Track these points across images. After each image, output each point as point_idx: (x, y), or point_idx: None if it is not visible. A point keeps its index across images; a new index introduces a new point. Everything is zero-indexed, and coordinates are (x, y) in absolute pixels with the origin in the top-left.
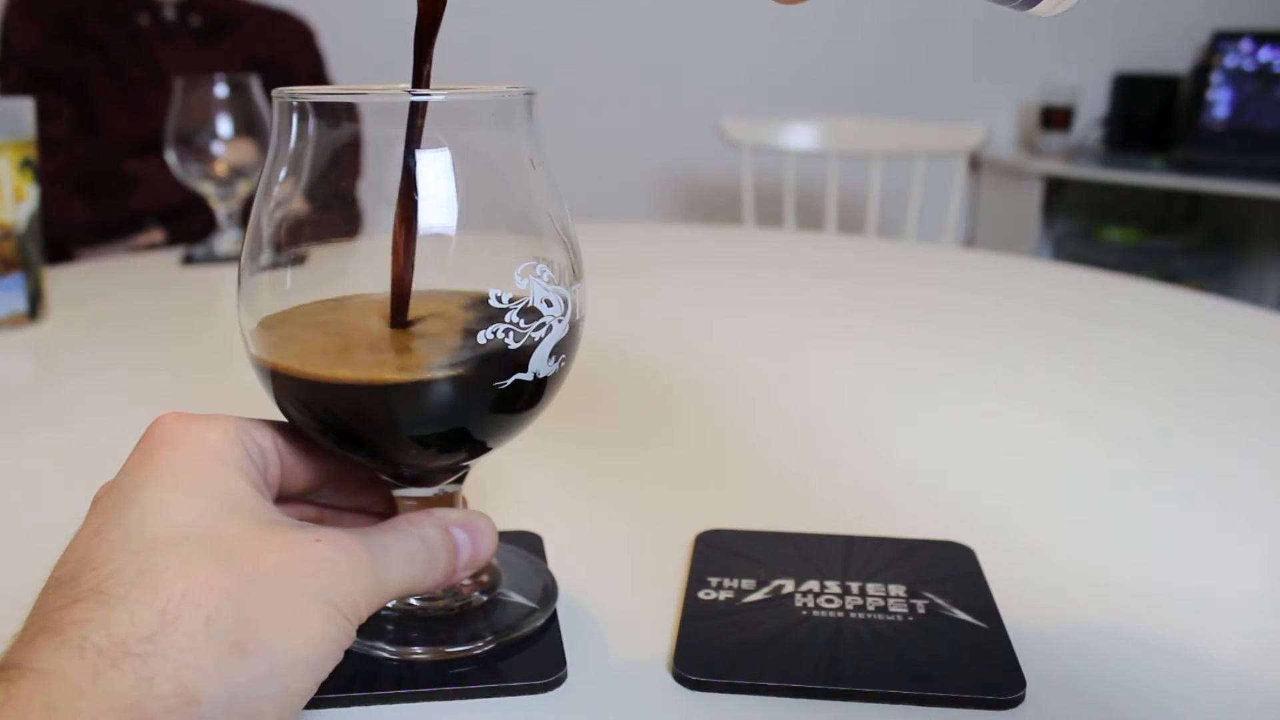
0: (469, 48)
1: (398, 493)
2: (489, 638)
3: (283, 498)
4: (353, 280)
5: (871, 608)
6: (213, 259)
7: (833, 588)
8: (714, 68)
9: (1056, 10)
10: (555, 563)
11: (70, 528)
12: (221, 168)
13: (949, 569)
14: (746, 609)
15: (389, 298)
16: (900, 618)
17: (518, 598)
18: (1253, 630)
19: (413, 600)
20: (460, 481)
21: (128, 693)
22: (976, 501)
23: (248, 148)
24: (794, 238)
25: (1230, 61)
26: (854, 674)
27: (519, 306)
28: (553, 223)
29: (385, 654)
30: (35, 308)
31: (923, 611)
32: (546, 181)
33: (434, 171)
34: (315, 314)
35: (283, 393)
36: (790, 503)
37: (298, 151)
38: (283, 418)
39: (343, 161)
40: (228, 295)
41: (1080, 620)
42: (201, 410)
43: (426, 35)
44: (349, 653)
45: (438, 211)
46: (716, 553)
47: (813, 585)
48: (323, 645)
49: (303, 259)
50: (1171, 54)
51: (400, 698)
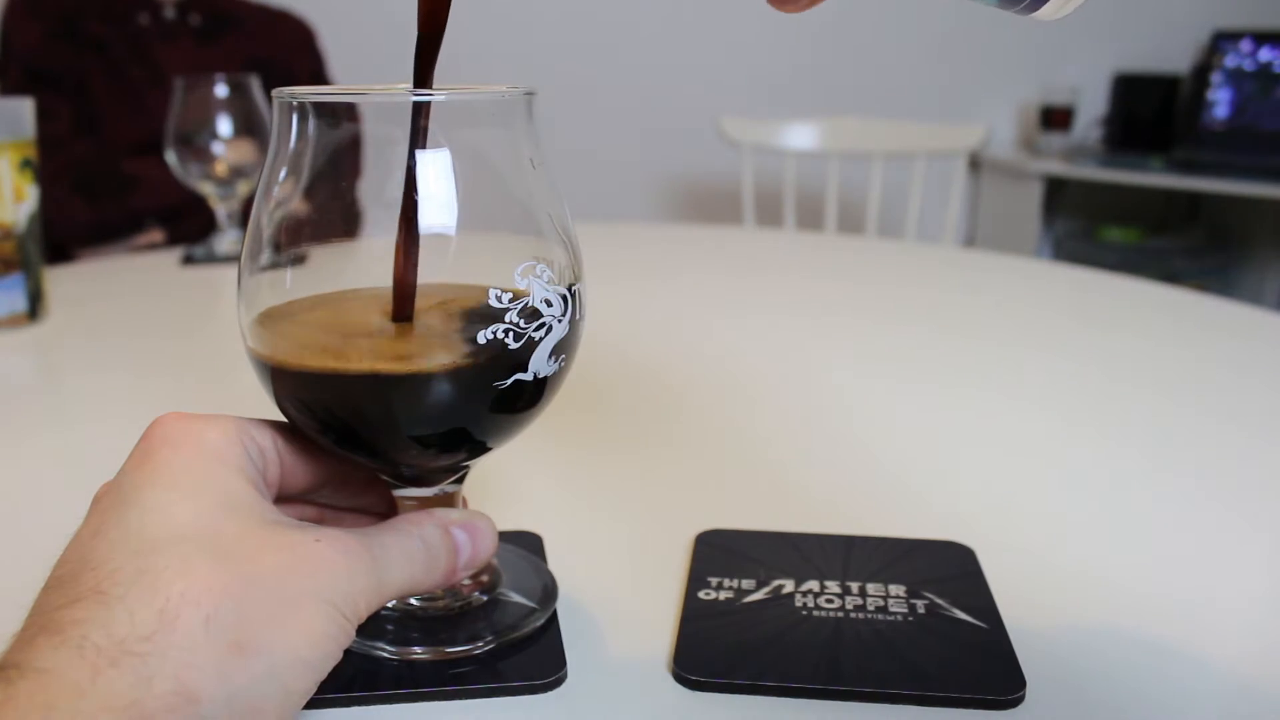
0: (469, 48)
1: (398, 493)
2: (489, 638)
3: (283, 498)
4: (353, 280)
5: (871, 608)
6: (213, 259)
7: (833, 588)
8: (714, 68)
9: (1060, 14)
10: (555, 563)
11: (70, 528)
12: (221, 168)
13: (949, 569)
14: (746, 609)
15: (388, 293)
16: (900, 618)
17: (518, 598)
18: (1253, 630)
19: (413, 600)
20: (460, 481)
21: (127, 692)
22: (976, 501)
23: (248, 148)
24: (794, 238)
25: (1230, 61)
26: (854, 674)
27: (519, 306)
28: (553, 223)
29: (385, 654)
30: (35, 308)
31: (923, 611)
32: (546, 181)
33: (434, 171)
34: (313, 308)
35: (282, 389)
36: (790, 503)
37: (298, 151)
38: (283, 418)
39: (343, 161)
40: (228, 295)
41: (1080, 620)
42: (202, 410)
43: (430, 44)
44: (349, 653)
45: (438, 211)
46: (716, 553)
47: (813, 585)
48: (322, 645)
49: (303, 259)
50: (1171, 54)
51: (400, 698)
